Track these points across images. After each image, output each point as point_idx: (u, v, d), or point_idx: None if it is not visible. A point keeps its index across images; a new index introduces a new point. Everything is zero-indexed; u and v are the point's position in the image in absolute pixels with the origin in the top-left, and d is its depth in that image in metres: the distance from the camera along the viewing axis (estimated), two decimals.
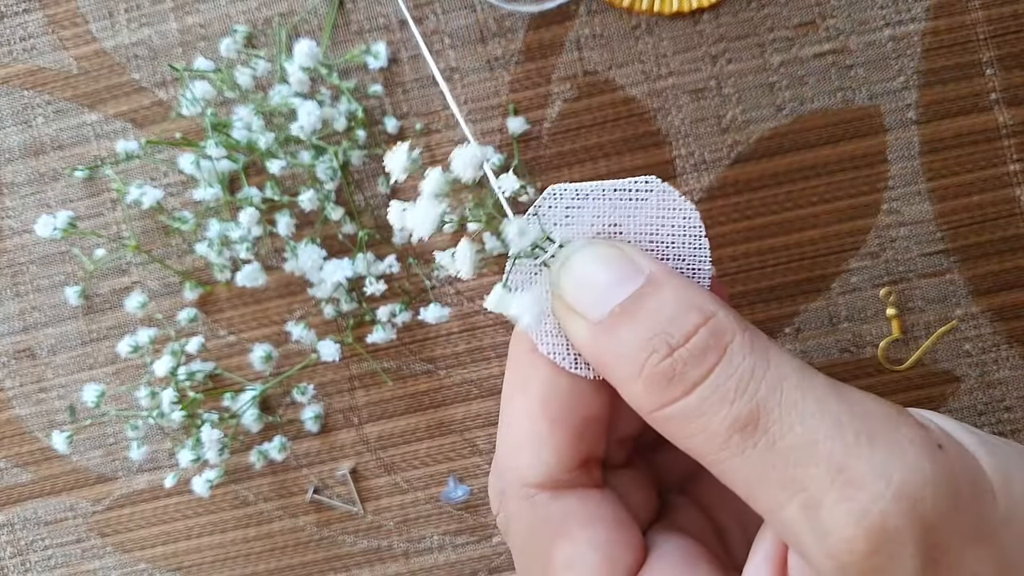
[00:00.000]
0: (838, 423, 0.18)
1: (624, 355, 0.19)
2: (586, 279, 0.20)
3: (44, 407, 0.38)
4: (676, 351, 0.19)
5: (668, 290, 0.20)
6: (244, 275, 0.34)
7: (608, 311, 0.20)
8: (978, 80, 0.35)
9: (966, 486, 0.18)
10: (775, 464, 0.18)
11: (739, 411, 0.18)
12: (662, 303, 0.19)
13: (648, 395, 0.19)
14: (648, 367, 0.19)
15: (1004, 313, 0.35)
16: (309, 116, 0.33)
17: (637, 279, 0.20)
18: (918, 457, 0.18)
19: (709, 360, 0.19)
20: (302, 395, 0.36)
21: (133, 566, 0.38)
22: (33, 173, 0.37)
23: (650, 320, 0.19)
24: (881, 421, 0.18)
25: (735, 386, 0.18)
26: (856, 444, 0.18)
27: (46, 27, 0.37)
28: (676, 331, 0.19)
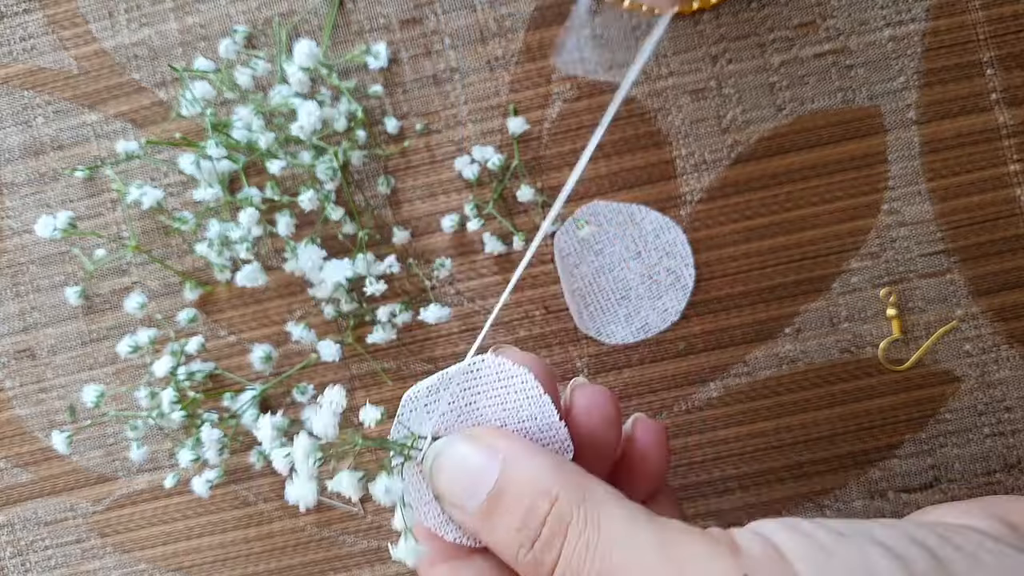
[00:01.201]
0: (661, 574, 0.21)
1: (502, 545, 0.23)
2: (454, 475, 0.24)
3: (44, 407, 0.38)
4: (534, 544, 0.22)
5: (520, 478, 0.23)
6: (244, 275, 0.34)
7: (479, 504, 0.23)
8: (978, 80, 0.35)
9: None
10: None
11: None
12: (518, 497, 0.23)
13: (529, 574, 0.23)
14: (521, 558, 0.23)
15: (1004, 313, 0.35)
16: (309, 116, 0.33)
17: (495, 466, 0.23)
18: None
19: (556, 545, 0.22)
20: (302, 395, 0.36)
21: (133, 566, 0.38)
22: (33, 173, 0.37)
23: (512, 515, 0.23)
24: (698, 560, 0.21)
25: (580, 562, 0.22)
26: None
27: (46, 27, 0.37)
28: (533, 523, 0.22)
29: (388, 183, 0.36)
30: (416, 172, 0.36)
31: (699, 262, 0.36)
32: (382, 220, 0.36)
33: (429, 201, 0.36)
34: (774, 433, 0.36)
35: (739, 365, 0.36)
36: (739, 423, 0.36)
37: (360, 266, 0.35)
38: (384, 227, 0.36)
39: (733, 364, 0.36)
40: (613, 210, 0.35)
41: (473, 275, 0.36)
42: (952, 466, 0.35)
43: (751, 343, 0.36)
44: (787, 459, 0.36)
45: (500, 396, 0.25)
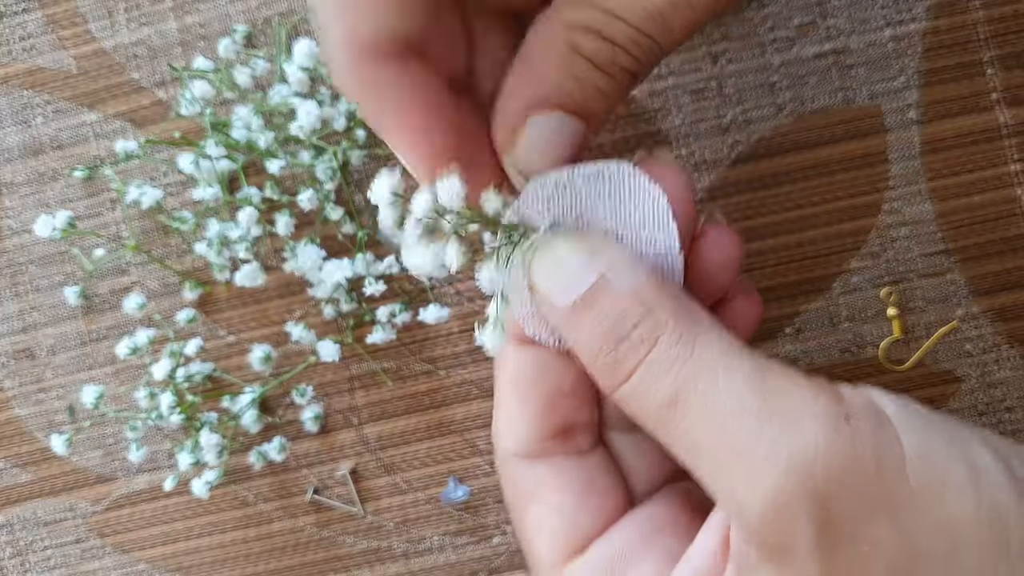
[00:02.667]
0: (745, 409, 0.20)
1: (584, 344, 0.22)
2: (553, 269, 0.22)
3: (43, 407, 0.38)
4: (619, 344, 0.21)
5: (619, 286, 0.22)
6: (243, 275, 0.34)
7: (571, 301, 0.22)
8: (979, 80, 0.35)
9: (870, 460, 0.19)
10: (699, 445, 0.20)
11: (662, 395, 0.20)
12: (613, 299, 0.22)
13: (602, 379, 0.22)
14: (600, 357, 0.22)
15: (1005, 313, 0.35)
16: (308, 116, 0.33)
17: (594, 272, 0.22)
18: (815, 432, 0.19)
19: (642, 351, 0.21)
20: (301, 396, 0.36)
21: (132, 566, 0.38)
22: (32, 173, 0.37)
23: (602, 315, 0.22)
24: (792, 400, 0.20)
25: (660, 373, 0.21)
26: (758, 427, 0.19)
27: (45, 27, 0.37)
28: (622, 326, 0.21)
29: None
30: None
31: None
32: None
33: None
34: None
35: None
36: None
37: (360, 266, 0.35)
38: None
39: None
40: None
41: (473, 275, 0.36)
42: None
43: (751, 343, 0.36)
44: None
45: (627, 208, 0.23)
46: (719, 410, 0.20)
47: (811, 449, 0.19)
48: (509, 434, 0.25)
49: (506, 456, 0.25)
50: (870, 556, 0.19)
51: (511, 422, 0.25)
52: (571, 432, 0.25)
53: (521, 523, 0.25)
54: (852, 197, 0.35)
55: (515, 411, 0.25)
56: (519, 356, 0.25)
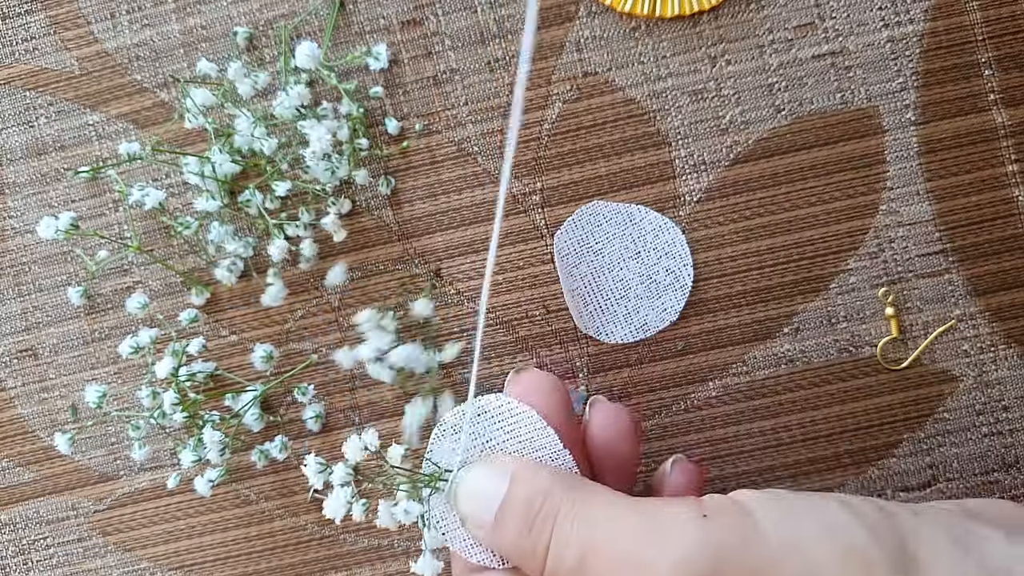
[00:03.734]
0: (633, 539, 0.23)
1: (508, 543, 0.26)
2: (472, 496, 0.27)
3: (46, 407, 0.38)
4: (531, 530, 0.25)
5: (525, 484, 0.26)
6: (269, 296, 0.35)
7: (491, 519, 0.26)
8: (976, 81, 0.35)
9: (734, 539, 0.22)
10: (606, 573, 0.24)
11: (573, 559, 0.24)
12: (523, 499, 0.26)
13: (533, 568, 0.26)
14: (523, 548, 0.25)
15: (1002, 313, 0.35)
16: (320, 141, 0.34)
17: (504, 481, 0.26)
18: (684, 534, 0.23)
19: (548, 527, 0.25)
20: (303, 395, 0.36)
21: (135, 565, 0.38)
22: (35, 173, 0.38)
23: (516, 513, 0.26)
24: (663, 517, 0.24)
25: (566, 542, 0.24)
26: (648, 544, 0.23)
27: (48, 28, 0.37)
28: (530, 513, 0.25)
29: (388, 184, 0.36)
30: (416, 172, 0.36)
31: (698, 262, 0.36)
32: (382, 221, 0.37)
33: (429, 201, 0.36)
34: (772, 432, 0.36)
35: (738, 365, 0.36)
36: (737, 422, 0.36)
37: None
38: (384, 227, 0.36)
39: (732, 364, 0.36)
40: (613, 210, 0.36)
41: (473, 275, 0.36)
42: (950, 465, 0.36)
43: (750, 343, 0.36)
44: (785, 458, 0.36)
45: (512, 429, 0.28)
46: (618, 545, 0.24)
47: (684, 549, 0.23)
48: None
49: None
50: None
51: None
52: None
53: None
54: (850, 197, 0.35)
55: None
56: None
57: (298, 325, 0.37)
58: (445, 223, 0.36)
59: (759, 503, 0.24)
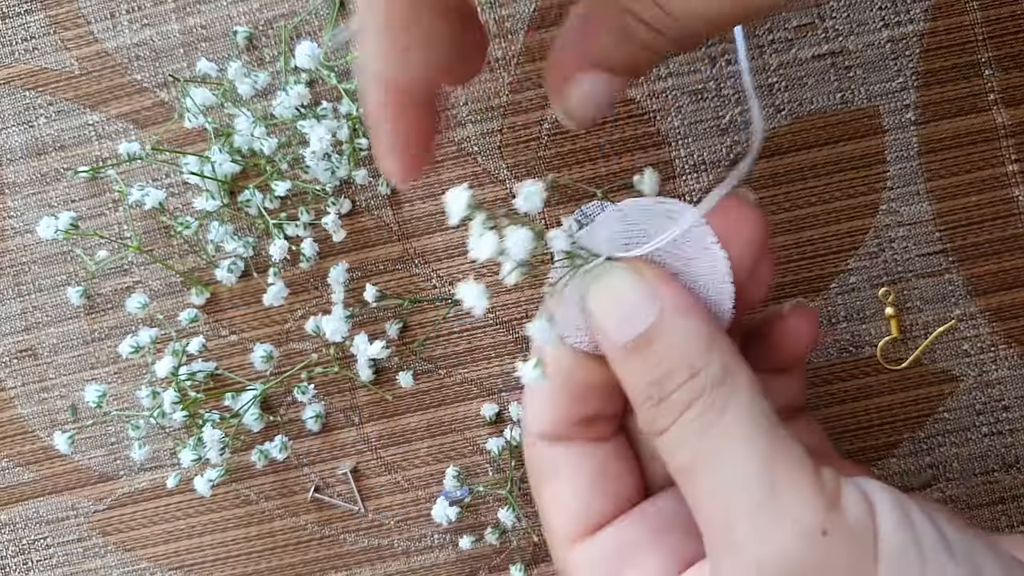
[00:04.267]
0: (744, 496, 0.21)
1: (631, 385, 0.23)
2: (611, 303, 0.23)
3: (46, 406, 0.38)
4: (660, 402, 0.22)
5: (672, 337, 0.23)
6: (271, 295, 0.35)
7: (624, 341, 0.23)
8: (976, 81, 0.35)
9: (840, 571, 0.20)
10: (701, 511, 0.22)
11: (683, 458, 0.22)
12: (663, 352, 0.23)
13: (642, 423, 0.23)
14: (643, 406, 0.23)
15: (1002, 313, 0.35)
16: (321, 141, 0.34)
17: (652, 312, 0.23)
18: (791, 539, 0.20)
19: (677, 412, 0.22)
20: (303, 394, 0.36)
21: (135, 565, 0.38)
22: (35, 173, 0.38)
23: (651, 366, 0.23)
24: (787, 499, 0.20)
25: (685, 438, 0.22)
26: (750, 517, 0.20)
27: (48, 28, 0.37)
28: (668, 384, 0.22)
29: (388, 184, 0.36)
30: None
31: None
32: (382, 221, 0.37)
33: (429, 201, 0.36)
34: None
35: None
36: None
37: None
38: (384, 226, 0.36)
39: None
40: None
41: (474, 275, 0.36)
42: (950, 465, 0.36)
43: None
44: None
45: (688, 255, 0.24)
46: (723, 490, 0.21)
47: (781, 556, 0.20)
48: (537, 417, 0.26)
49: (531, 436, 0.26)
50: None
51: (541, 406, 0.26)
52: (595, 420, 0.26)
53: (539, 500, 0.26)
54: (850, 197, 0.35)
55: (546, 397, 0.26)
56: (556, 351, 0.26)
57: (298, 325, 0.37)
58: (445, 223, 0.36)
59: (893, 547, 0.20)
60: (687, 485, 0.22)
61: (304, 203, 0.36)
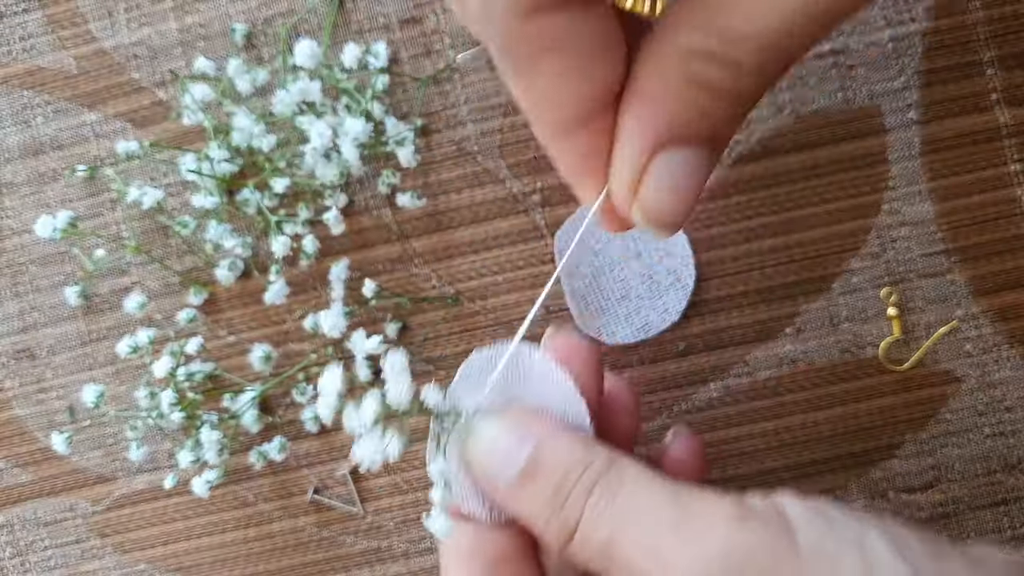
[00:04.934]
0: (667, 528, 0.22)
1: (531, 511, 0.25)
2: (490, 452, 0.25)
3: (44, 407, 0.38)
4: (564, 504, 0.24)
5: (555, 455, 0.24)
6: (272, 293, 0.35)
7: (511, 478, 0.24)
8: (979, 80, 0.35)
9: (766, 553, 0.21)
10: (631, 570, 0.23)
11: (603, 535, 0.23)
12: (551, 468, 0.24)
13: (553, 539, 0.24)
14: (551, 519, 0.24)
15: (1005, 313, 0.35)
16: (321, 137, 0.33)
17: (528, 445, 0.25)
18: (717, 532, 0.22)
19: (581, 503, 0.24)
20: (301, 395, 0.36)
21: (132, 566, 0.38)
22: (32, 173, 0.37)
23: (546, 481, 0.24)
24: (701, 511, 0.22)
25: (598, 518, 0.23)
26: (674, 540, 0.22)
27: (45, 27, 0.37)
28: (564, 489, 0.24)
29: (388, 183, 0.36)
30: (416, 172, 0.36)
31: (699, 262, 0.36)
32: (381, 221, 0.36)
33: (429, 201, 0.36)
34: (774, 433, 0.36)
35: (739, 365, 0.36)
36: (739, 423, 0.36)
37: None
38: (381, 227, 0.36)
39: (733, 364, 0.36)
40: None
41: (473, 275, 0.36)
42: (952, 466, 0.35)
43: (751, 343, 0.36)
44: (787, 459, 0.36)
45: (540, 386, 0.27)
46: (643, 539, 0.22)
47: (711, 549, 0.21)
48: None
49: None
50: None
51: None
52: None
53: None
54: (852, 197, 0.35)
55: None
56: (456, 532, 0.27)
57: (297, 325, 0.37)
58: (445, 223, 0.36)
59: (803, 519, 0.22)
60: (611, 557, 0.23)
61: (304, 200, 0.36)
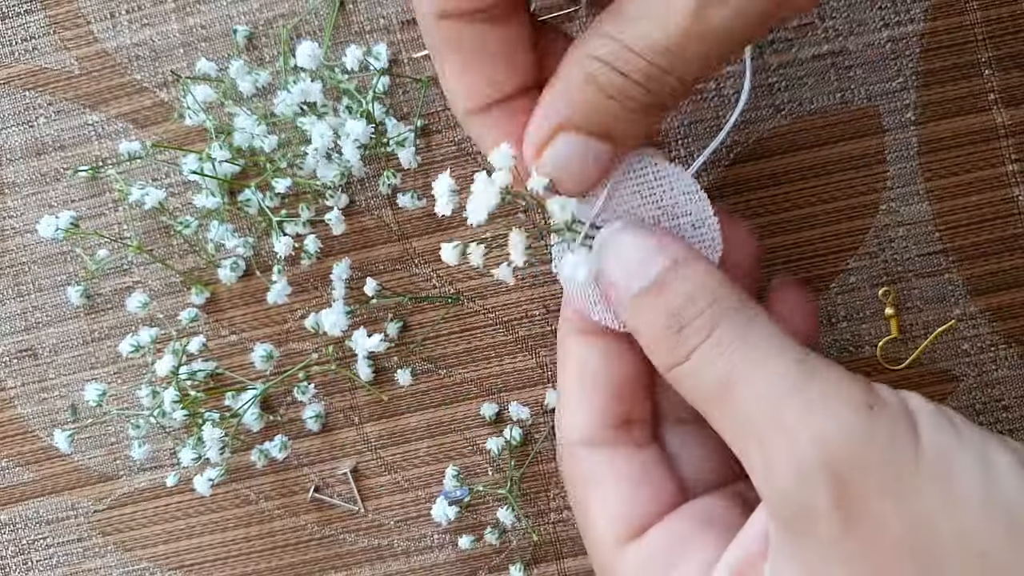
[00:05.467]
0: (786, 390, 0.22)
1: (647, 326, 0.24)
2: (625, 256, 0.25)
3: (46, 406, 0.38)
4: (682, 328, 0.23)
5: (685, 275, 0.24)
6: (274, 293, 0.35)
7: (638, 289, 0.24)
8: (976, 81, 0.35)
9: (885, 445, 0.21)
10: (742, 420, 0.22)
11: (716, 376, 0.23)
12: (678, 290, 0.24)
13: (662, 358, 0.24)
14: (663, 339, 0.24)
15: (1002, 313, 0.35)
16: (322, 138, 0.33)
17: (661, 261, 0.24)
18: (839, 414, 0.21)
19: (703, 334, 0.23)
20: (303, 394, 0.36)
21: (134, 565, 0.38)
22: (35, 173, 0.38)
23: (669, 300, 0.24)
24: (827, 385, 0.22)
25: (716, 356, 0.23)
26: (795, 406, 0.21)
27: (48, 28, 0.37)
28: (688, 311, 0.23)
29: (388, 183, 0.36)
30: (416, 172, 0.36)
31: None
32: (382, 221, 0.37)
33: (429, 201, 0.36)
34: None
35: None
36: None
37: None
38: (381, 227, 0.36)
39: None
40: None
41: (474, 275, 0.36)
42: None
43: None
44: None
45: (655, 193, 0.26)
46: (764, 391, 0.22)
47: (833, 429, 0.21)
48: (574, 423, 0.27)
49: (570, 444, 0.27)
50: (879, 532, 0.20)
51: (576, 411, 0.27)
52: (630, 424, 0.27)
53: (582, 507, 0.27)
54: (850, 197, 0.35)
55: (580, 401, 0.27)
56: (583, 349, 0.27)
57: (298, 325, 0.37)
58: (445, 223, 0.36)
59: (930, 421, 0.21)
60: (721, 398, 0.23)
61: (305, 200, 0.36)
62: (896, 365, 0.36)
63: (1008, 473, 0.20)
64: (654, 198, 0.26)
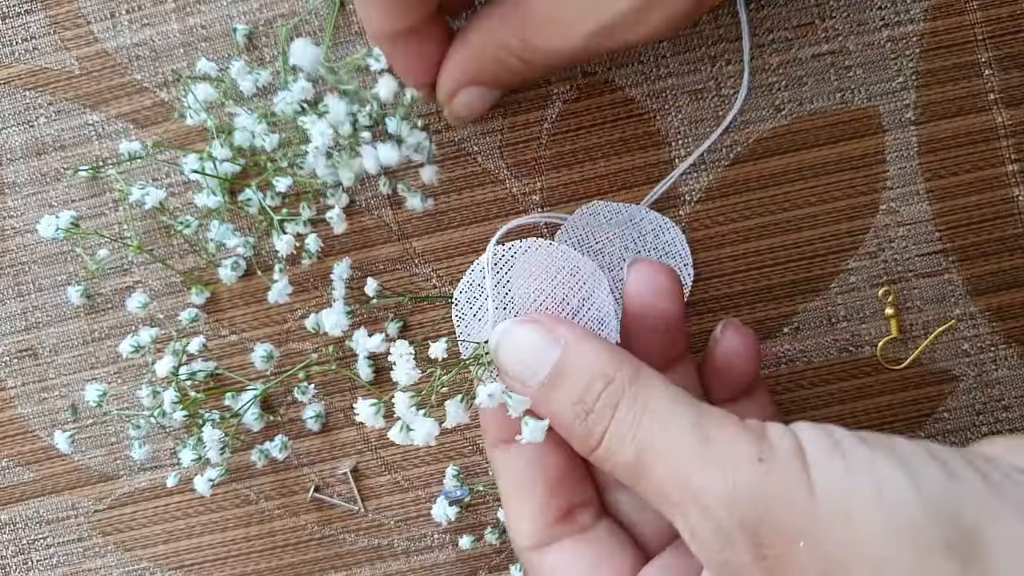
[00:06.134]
0: (690, 458, 0.23)
1: (558, 416, 0.25)
2: (520, 355, 0.26)
3: (46, 406, 0.38)
4: (588, 416, 0.25)
5: (578, 361, 0.25)
6: (275, 292, 0.35)
7: (541, 380, 0.25)
8: (976, 81, 0.35)
9: (781, 493, 0.21)
10: (662, 493, 0.23)
11: (628, 455, 0.24)
12: (575, 377, 0.25)
13: (579, 446, 0.25)
14: (575, 428, 0.25)
15: (1002, 313, 0.35)
16: (323, 136, 0.33)
17: (556, 348, 0.25)
18: (736, 473, 0.22)
19: (607, 417, 0.24)
20: (303, 394, 0.36)
21: (135, 565, 0.38)
22: (35, 173, 0.38)
23: (570, 391, 0.25)
24: (722, 448, 0.23)
25: (623, 437, 0.24)
26: (700, 471, 0.22)
27: (48, 28, 0.37)
28: (588, 399, 0.25)
29: (388, 183, 0.36)
30: (416, 172, 0.36)
31: (698, 262, 0.36)
32: (381, 220, 0.37)
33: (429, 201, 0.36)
34: None
35: None
36: None
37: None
38: (381, 226, 0.36)
39: None
40: (612, 210, 0.36)
41: None
42: None
43: None
44: None
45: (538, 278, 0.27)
46: (673, 461, 0.23)
47: (733, 490, 0.22)
48: (519, 530, 0.28)
49: (521, 551, 0.28)
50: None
51: (518, 519, 0.28)
52: (573, 513, 0.28)
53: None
54: (850, 197, 0.35)
55: (519, 508, 0.28)
56: (506, 458, 0.28)
57: (298, 325, 0.37)
58: (445, 223, 0.36)
59: (819, 456, 0.22)
60: (638, 475, 0.24)
61: (305, 199, 0.36)
62: (896, 365, 0.36)
63: (899, 486, 0.21)
64: (547, 276, 0.27)
